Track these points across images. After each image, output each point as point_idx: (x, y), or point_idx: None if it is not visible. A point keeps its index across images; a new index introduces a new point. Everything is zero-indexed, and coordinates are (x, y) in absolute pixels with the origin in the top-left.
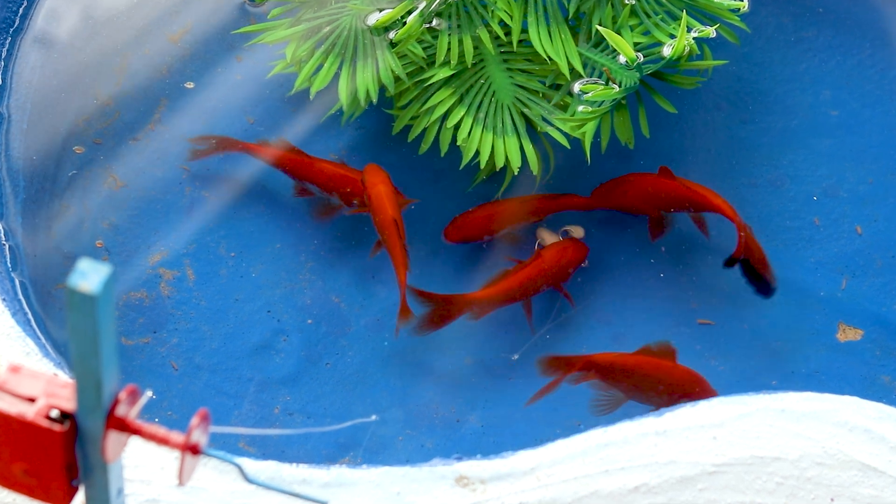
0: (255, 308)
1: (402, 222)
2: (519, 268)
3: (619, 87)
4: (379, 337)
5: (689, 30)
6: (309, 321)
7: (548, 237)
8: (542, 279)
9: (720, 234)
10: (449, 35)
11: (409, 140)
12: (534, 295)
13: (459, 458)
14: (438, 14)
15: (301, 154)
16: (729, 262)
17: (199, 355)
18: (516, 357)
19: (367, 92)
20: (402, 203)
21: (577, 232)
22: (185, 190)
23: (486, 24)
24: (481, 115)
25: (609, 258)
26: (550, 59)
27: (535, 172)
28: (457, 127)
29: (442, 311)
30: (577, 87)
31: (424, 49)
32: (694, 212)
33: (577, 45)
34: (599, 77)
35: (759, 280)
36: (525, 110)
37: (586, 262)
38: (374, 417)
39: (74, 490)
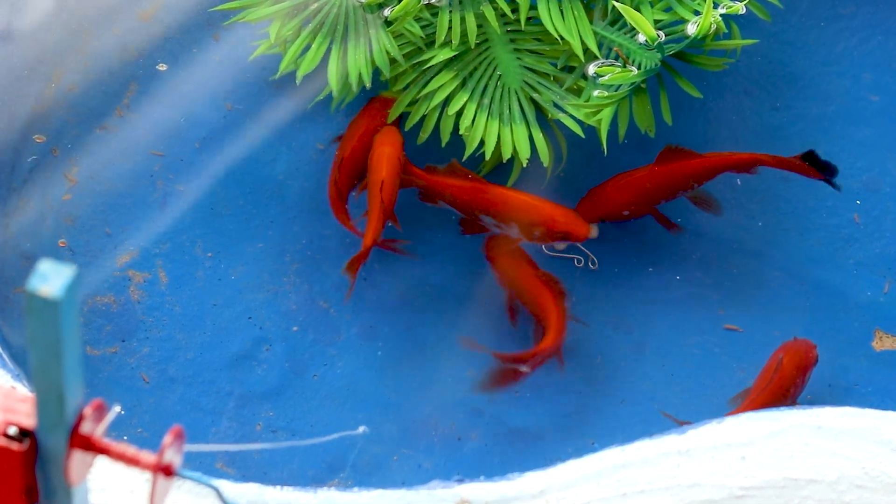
0: (235, 314)
1: (395, 189)
2: None
3: (639, 69)
4: (372, 346)
5: (715, 6)
6: (294, 328)
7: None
8: None
9: (743, 231)
10: (450, 12)
11: (407, 129)
12: None
13: (461, 481)
14: None
15: (479, 181)
16: (805, 159)
17: (172, 366)
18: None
19: (360, 75)
20: (409, 176)
21: (591, 232)
22: (156, 183)
23: (492, 0)
24: (486, 100)
25: (626, 260)
26: (562, 38)
27: (545, 164)
28: (459, 114)
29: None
30: (591, 69)
31: (423, 28)
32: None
33: (591, 23)
34: (616, 59)
35: (825, 168)
36: (534, 95)
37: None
38: (362, 429)
39: None
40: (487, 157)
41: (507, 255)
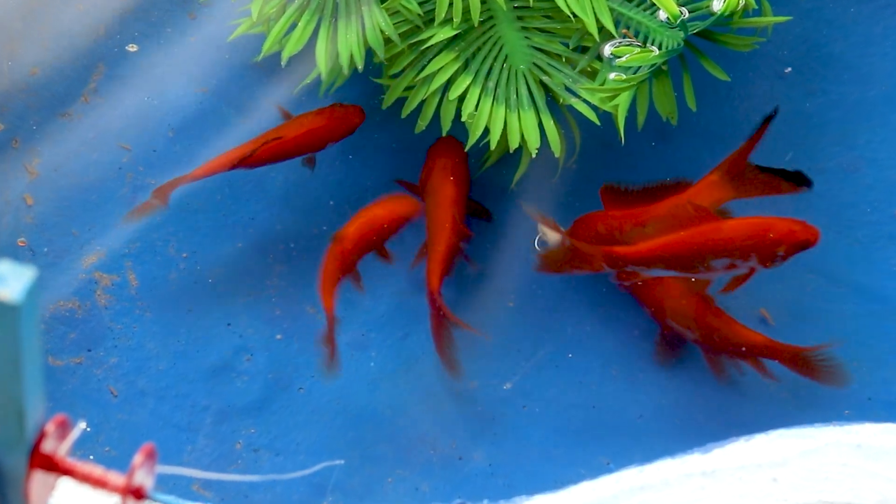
0: (213, 321)
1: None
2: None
3: (660, 49)
4: (364, 356)
5: None
6: (278, 336)
7: (550, 233)
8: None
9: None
10: None
11: (404, 116)
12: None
13: None
14: None
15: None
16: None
17: (143, 378)
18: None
19: (351, 57)
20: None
21: (552, 235)
22: (126, 176)
23: None
24: (491, 84)
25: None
26: (575, 15)
27: (556, 154)
28: (461, 99)
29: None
30: (607, 49)
31: (421, 4)
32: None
33: None
34: (636, 36)
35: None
36: (544, 78)
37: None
38: (339, 462)
39: None
40: (492, 146)
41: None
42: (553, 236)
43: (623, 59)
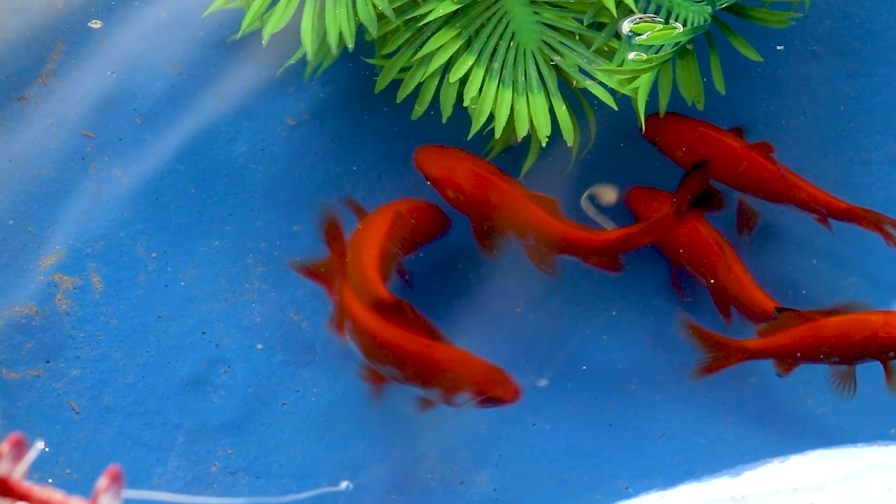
0: (186, 328)
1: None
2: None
3: (684, 26)
4: (355, 368)
5: None
6: (259, 346)
7: (606, 193)
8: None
9: (812, 227)
10: None
11: (399, 101)
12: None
13: None
14: None
15: None
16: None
17: (108, 393)
18: (544, 382)
19: (341, 35)
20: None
21: (609, 194)
22: (89, 167)
23: None
24: (496, 64)
25: (666, 264)
26: None
27: (569, 143)
28: (463, 82)
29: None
30: (626, 26)
31: None
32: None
33: None
34: (658, 12)
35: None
36: (556, 58)
37: None
38: (345, 485)
39: None
40: (497, 134)
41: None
42: (608, 193)
43: (643, 36)
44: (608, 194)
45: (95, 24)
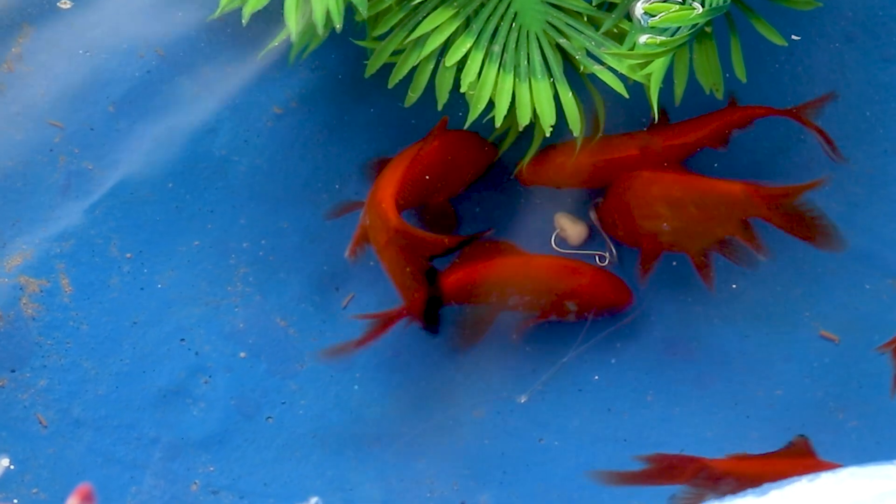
0: (163, 335)
1: None
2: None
3: (702, 6)
4: (347, 377)
5: None
6: (242, 355)
7: (569, 226)
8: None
9: (844, 222)
10: None
11: (390, 86)
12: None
13: None
14: None
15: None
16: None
17: (78, 405)
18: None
19: (328, 14)
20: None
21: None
22: (58, 159)
23: None
24: (497, 47)
25: (687, 269)
26: None
27: (575, 133)
28: (460, 66)
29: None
30: (638, 7)
31: None
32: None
33: None
34: None
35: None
36: (561, 41)
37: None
38: (314, 501)
39: None
40: (498, 123)
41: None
42: (571, 227)
43: (658, 18)
44: (573, 227)
45: (65, 5)
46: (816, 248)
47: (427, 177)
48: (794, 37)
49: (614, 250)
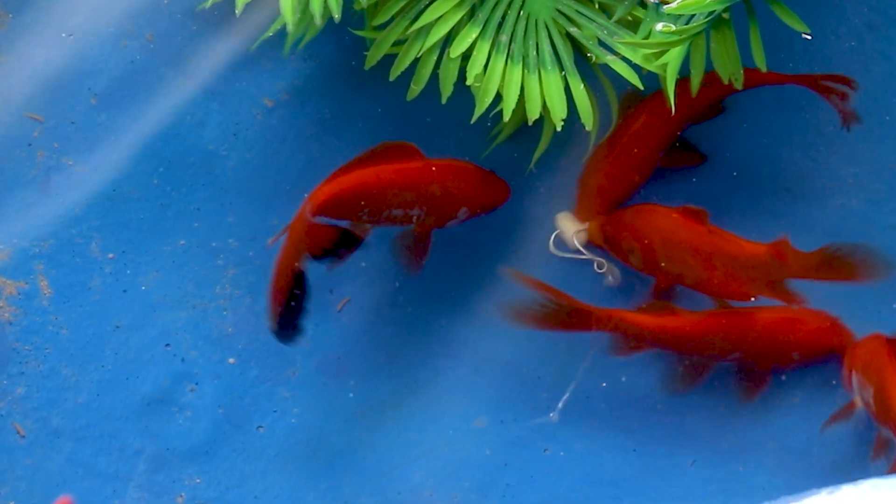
0: (147, 340)
1: None
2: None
3: None
4: (340, 385)
5: None
6: (230, 361)
7: (568, 224)
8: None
9: (866, 224)
10: None
11: (392, 79)
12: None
13: None
14: None
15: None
16: None
17: (57, 414)
18: (554, 416)
19: (325, 3)
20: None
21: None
22: (36, 154)
23: None
24: (504, 37)
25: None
26: None
27: (588, 128)
28: (466, 57)
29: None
30: None
31: None
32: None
33: None
34: None
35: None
36: (572, 30)
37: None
38: None
39: None
40: (506, 117)
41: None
42: (571, 225)
43: (673, 4)
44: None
45: None
46: (865, 285)
47: (362, 202)
48: (805, 35)
49: (618, 272)
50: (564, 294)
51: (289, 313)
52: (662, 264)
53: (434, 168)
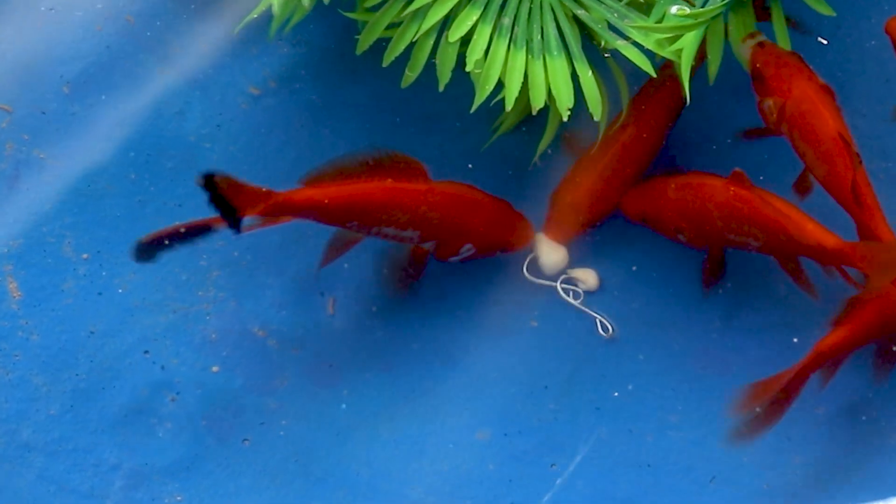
0: (124, 347)
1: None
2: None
3: None
4: (333, 394)
5: None
6: (214, 369)
7: (546, 252)
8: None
9: None
10: None
11: (385, 65)
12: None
13: None
14: None
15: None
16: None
17: (27, 426)
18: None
19: None
20: None
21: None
22: (5, 147)
23: None
24: (506, 20)
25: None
26: None
27: (596, 117)
28: (465, 41)
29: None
30: None
31: None
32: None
33: None
34: None
35: None
36: (579, 13)
37: None
38: None
39: None
40: (508, 106)
41: None
42: (553, 256)
43: None
44: (588, 278)
45: None
46: None
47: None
48: (821, 40)
49: (609, 326)
50: None
51: (162, 242)
52: (729, 237)
53: (435, 193)
